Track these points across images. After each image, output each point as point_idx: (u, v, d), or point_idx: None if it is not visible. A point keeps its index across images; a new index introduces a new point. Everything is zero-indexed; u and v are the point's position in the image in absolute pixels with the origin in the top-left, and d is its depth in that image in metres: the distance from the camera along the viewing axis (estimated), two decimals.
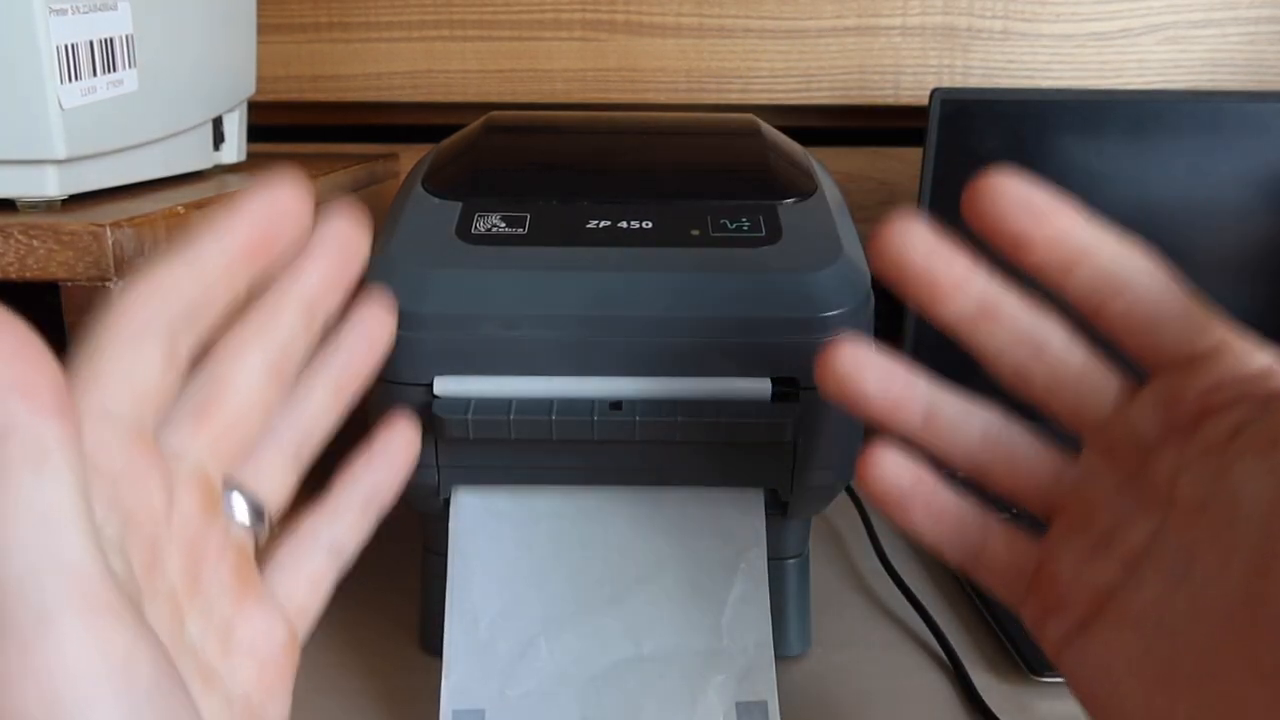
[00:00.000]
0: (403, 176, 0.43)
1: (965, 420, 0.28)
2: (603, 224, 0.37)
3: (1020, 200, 0.25)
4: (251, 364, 0.24)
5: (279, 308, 0.25)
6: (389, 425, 0.29)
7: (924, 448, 0.28)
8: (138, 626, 0.18)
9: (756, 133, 0.45)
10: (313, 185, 0.24)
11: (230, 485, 0.24)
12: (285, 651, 0.24)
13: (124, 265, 0.30)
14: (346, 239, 0.26)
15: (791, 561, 0.40)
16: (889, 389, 0.27)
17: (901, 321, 0.57)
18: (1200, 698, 0.22)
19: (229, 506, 0.24)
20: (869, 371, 0.27)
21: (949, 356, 0.33)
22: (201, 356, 0.24)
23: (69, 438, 0.17)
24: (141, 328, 0.21)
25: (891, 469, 0.28)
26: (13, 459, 0.16)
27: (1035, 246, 0.25)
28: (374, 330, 0.28)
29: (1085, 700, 0.26)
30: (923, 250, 0.26)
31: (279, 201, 0.24)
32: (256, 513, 0.25)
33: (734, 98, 0.70)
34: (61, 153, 0.33)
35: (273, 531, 0.26)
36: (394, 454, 0.29)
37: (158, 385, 0.22)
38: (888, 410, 0.28)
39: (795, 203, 0.39)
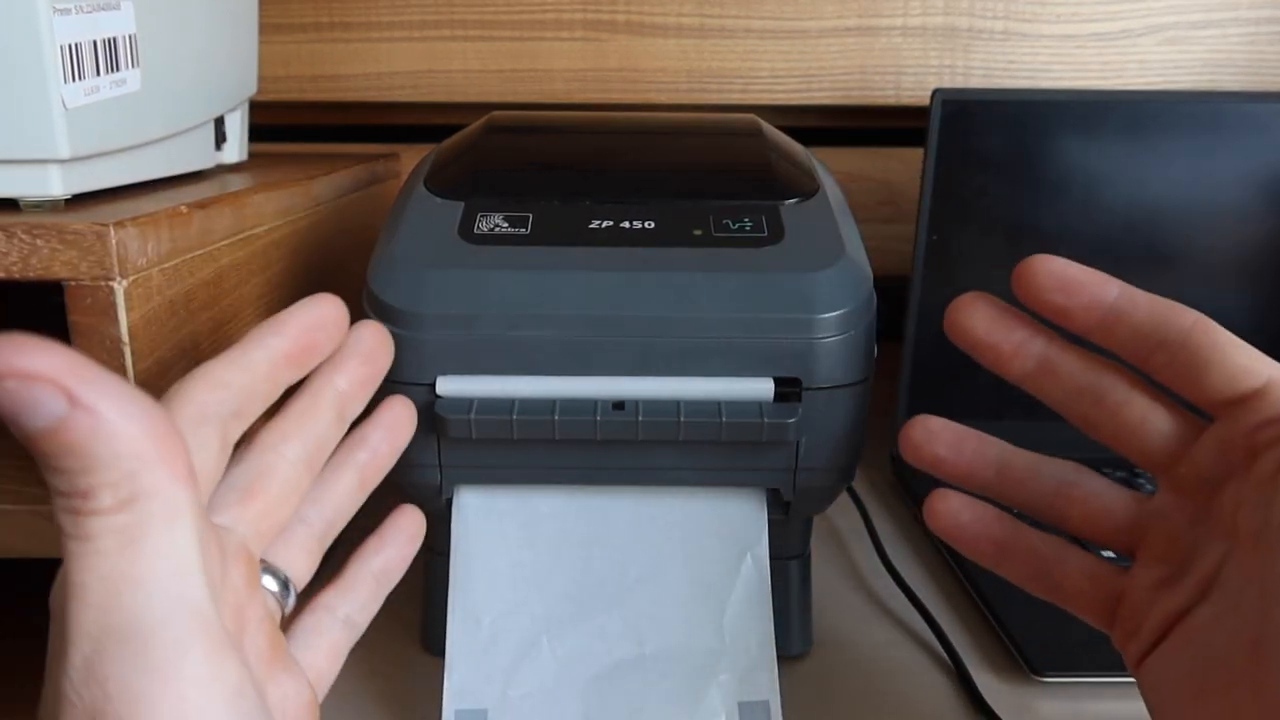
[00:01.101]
0: (404, 176, 0.43)
1: (1037, 473, 0.31)
2: (605, 224, 0.37)
3: (1055, 277, 0.28)
4: (291, 454, 0.27)
5: (315, 406, 0.28)
6: (398, 509, 0.32)
7: (1002, 500, 0.31)
8: (243, 663, 0.21)
9: (758, 133, 0.45)
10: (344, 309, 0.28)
11: (266, 561, 0.27)
12: (310, 713, 0.27)
13: (127, 265, 0.30)
14: (375, 348, 0.30)
15: (793, 561, 0.40)
16: (961, 453, 0.31)
17: (903, 322, 0.58)
18: (1217, 713, 0.24)
19: (264, 580, 0.27)
20: (939, 439, 0.32)
21: (948, 357, 0.33)
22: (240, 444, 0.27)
23: (195, 501, 0.20)
24: (201, 415, 0.24)
25: (957, 511, 0.32)
26: (156, 516, 0.20)
27: (1074, 315, 0.29)
28: (396, 430, 0.31)
29: (1149, 707, 0.28)
30: (985, 323, 0.30)
31: (321, 316, 0.27)
32: (285, 587, 0.28)
33: (735, 98, 0.70)
34: (65, 152, 0.33)
35: (296, 604, 0.29)
36: (403, 536, 0.32)
37: (214, 466, 0.24)
38: (962, 471, 0.32)
39: (797, 203, 0.39)
